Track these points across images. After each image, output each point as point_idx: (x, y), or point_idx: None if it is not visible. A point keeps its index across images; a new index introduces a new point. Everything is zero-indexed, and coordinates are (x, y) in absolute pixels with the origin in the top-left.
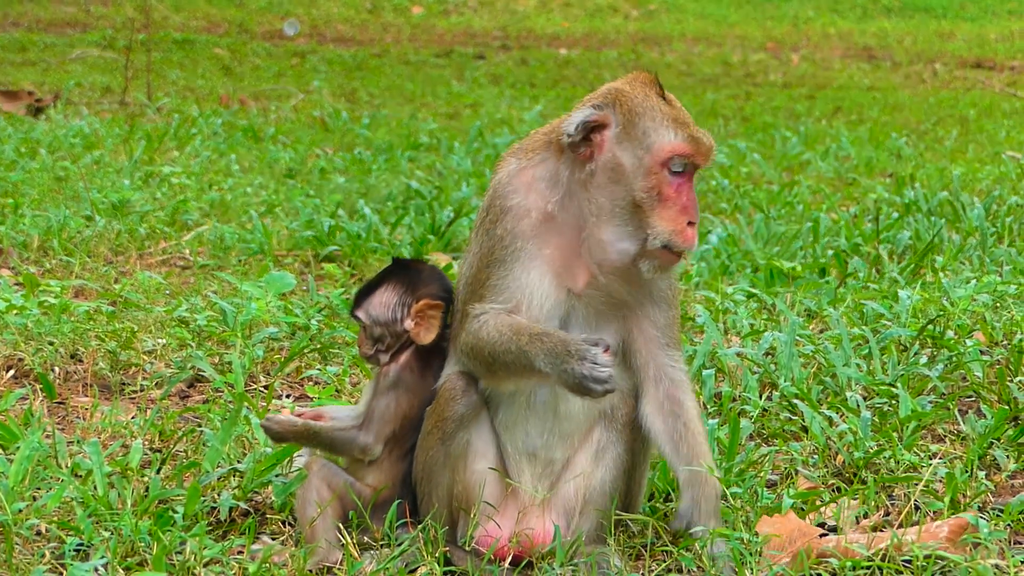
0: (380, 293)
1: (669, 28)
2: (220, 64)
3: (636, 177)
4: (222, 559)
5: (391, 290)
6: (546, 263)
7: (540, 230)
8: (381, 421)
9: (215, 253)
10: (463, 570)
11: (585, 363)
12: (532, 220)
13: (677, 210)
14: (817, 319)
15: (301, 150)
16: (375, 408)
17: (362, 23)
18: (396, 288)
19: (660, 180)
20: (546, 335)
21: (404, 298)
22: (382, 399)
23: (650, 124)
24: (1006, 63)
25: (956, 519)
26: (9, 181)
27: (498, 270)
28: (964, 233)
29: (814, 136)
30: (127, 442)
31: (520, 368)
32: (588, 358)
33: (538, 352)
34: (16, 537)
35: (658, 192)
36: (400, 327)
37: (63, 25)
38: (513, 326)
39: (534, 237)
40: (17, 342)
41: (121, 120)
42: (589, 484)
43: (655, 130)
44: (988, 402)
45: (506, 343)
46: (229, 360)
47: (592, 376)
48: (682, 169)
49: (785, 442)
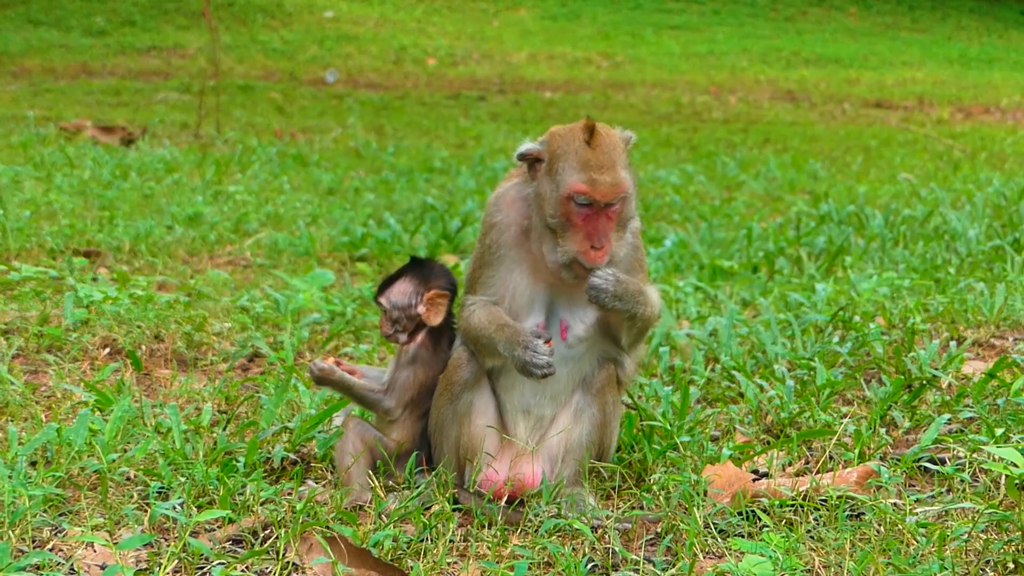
0: (399, 284)
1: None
2: (275, 105)
3: (551, 205)
4: (275, 499)
5: (408, 281)
6: (524, 265)
7: (519, 240)
8: (402, 389)
9: (270, 255)
10: (468, 507)
11: (527, 351)
12: (512, 232)
13: (583, 236)
14: (751, 307)
15: (339, 173)
16: (397, 378)
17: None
18: (412, 280)
19: (568, 210)
20: (507, 326)
21: (418, 288)
22: (403, 372)
23: (564, 164)
24: (900, 104)
25: (863, 467)
26: (106, 198)
27: (487, 271)
28: (868, 238)
29: (748, 162)
30: (199, 406)
31: (491, 350)
32: (530, 347)
33: (500, 339)
34: (110, 482)
35: (567, 219)
36: (414, 311)
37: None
38: (491, 316)
39: (514, 246)
40: (112, 326)
41: (195, 149)
42: (570, 438)
43: (565, 170)
44: (887, 373)
45: (484, 329)
46: (281, 340)
47: (532, 362)
48: (586, 203)
49: (725, 405)
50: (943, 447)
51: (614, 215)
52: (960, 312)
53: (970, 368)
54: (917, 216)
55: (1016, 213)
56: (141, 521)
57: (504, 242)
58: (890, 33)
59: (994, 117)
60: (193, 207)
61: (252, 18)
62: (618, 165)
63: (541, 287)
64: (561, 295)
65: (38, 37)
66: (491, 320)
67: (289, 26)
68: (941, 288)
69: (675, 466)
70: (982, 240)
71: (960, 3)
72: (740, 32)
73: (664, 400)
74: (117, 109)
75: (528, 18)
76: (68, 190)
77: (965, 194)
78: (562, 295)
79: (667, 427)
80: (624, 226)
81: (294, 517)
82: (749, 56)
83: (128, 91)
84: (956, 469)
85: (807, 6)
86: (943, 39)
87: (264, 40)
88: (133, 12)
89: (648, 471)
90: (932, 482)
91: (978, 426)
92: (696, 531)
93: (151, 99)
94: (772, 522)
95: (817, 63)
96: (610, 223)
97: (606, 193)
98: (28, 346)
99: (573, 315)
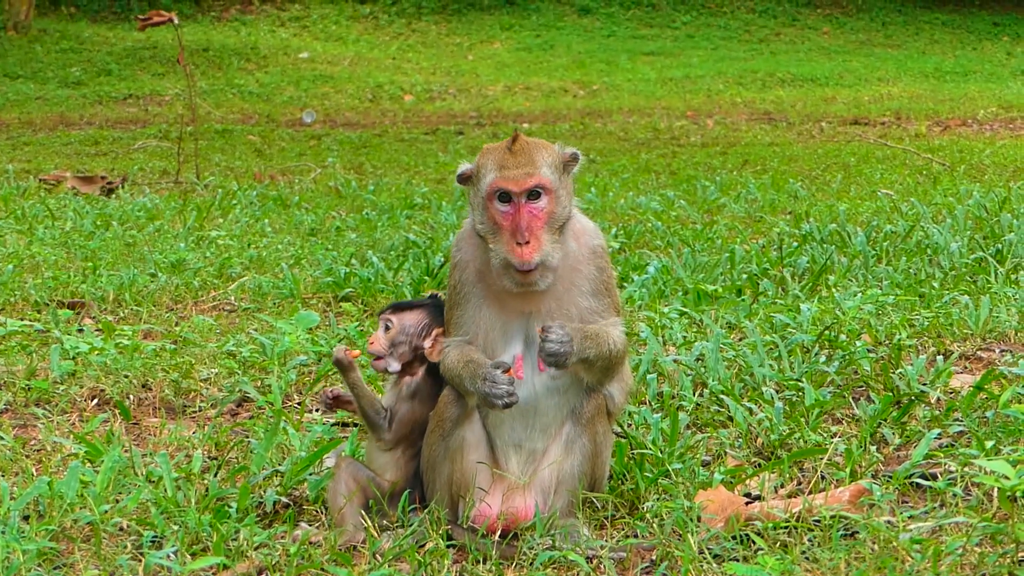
0: (416, 312)
1: (609, 103)
2: (253, 148)
3: (478, 213)
4: (269, 543)
5: (424, 313)
6: (490, 299)
7: (480, 275)
8: (400, 423)
9: (255, 299)
10: (462, 543)
11: (486, 383)
12: (472, 269)
13: (508, 235)
14: (736, 330)
15: (320, 213)
16: (398, 411)
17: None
18: (428, 313)
19: (492, 211)
20: (472, 362)
21: (431, 322)
22: (404, 405)
23: (483, 170)
24: (878, 120)
25: (855, 485)
26: (88, 248)
27: (457, 311)
28: (850, 256)
29: (728, 184)
30: (189, 453)
31: (463, 388)
32: (488, 379)
33: (466, 375)
34: (103, 533)
35: (493, 222)
36: (419, 341)
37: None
38: (461, 354)
39: (476, 282)
40: (99, 376)
41: (176, 196)
42: (561, 469)
43: (484, 173)
44: (876, 390)
45: (455, 368)
46: (269, 383)
47: (491, 393)
48: (506, 199)
49: (715, 429)
50: (934, 462)
51: (539, 212)
52: (946, 326)
53: (958, 382)
54: (899, 232)
55: (997, 224)
56: (136, 571)
57: (466, 280)
58: (864, 50)
59: (971, 129)
60: (176, 254)
61: (227, 62)
62: (536, 161)
63: (513, 317)
64: (539, 315)
65: (15, 90)
66: (460, 358)
67: (265, 68)
68: (926, 303)
69: (667, 493)
70: (965, 253)
71: (933, 17)
72: (715, 55)
73: (654, 427)
74: (96, 159)
75: (503, 51)
76: (50, 242)
77: (946, 207)
78: (540, 315)
79: (658, 454)
80: (558, 228)
81: (288, 560)
82: (725, 79)
83: (107, 140)
84: (948, 484)
85: (780, 27)
86: (917, 54)
87: (240, 84)
88: (109, 62)
89: (641, 499)
90: (925, 498)
91: (968, 440)
92: (691, 557)
93: (130, 147)
94: (767, 545)
95: (793, 83)
96: (536, 220)
97: (520, 182)
98: (16, 400)
99: None
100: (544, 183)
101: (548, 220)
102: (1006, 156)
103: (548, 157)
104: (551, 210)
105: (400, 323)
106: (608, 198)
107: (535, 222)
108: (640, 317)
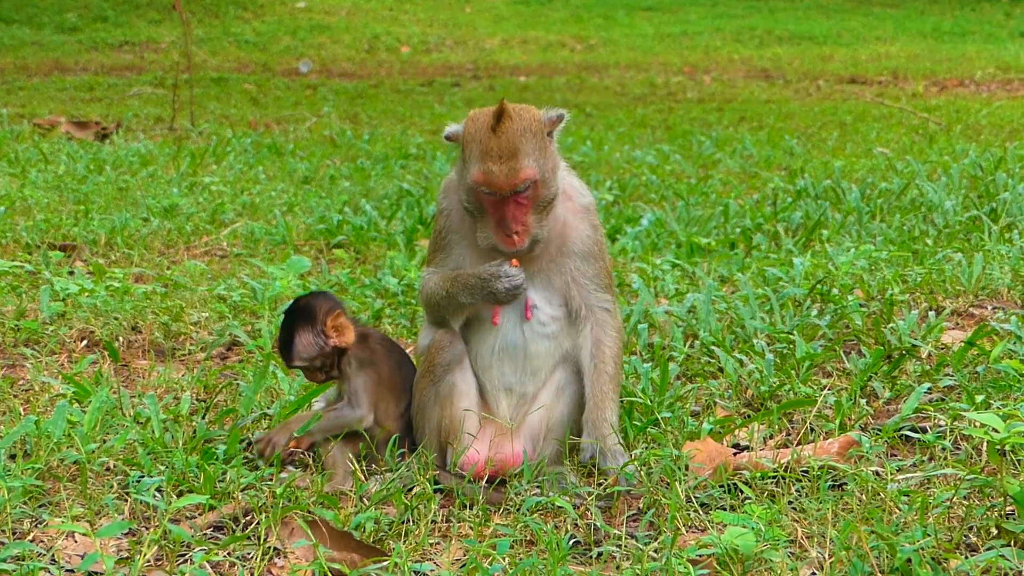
0: (296, 341)
1: (606, 58)
2: (249, 96)
3: (465, 192)
4: (255, 484)
5: (301, 333)
6: (473, 248)
7: (464, 223)
8: (364, 393)
9: (247, 244)
10: (449, 488)
11: (503, 280)
12: (455, 217)
13: (495, 223)
14: (728, 283)
15: (314, 162)
16: (355, 388)
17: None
18: (302, 329)
19: (479, 197)
20: (460, 274)
21: (314, 329)
22: (357, 379)
23: (468, 154)
24: (875, 79)
25: (844, 437)
26: (81, 192)
27: (440, 254)
28: (844, 212)
29: (723, 140)
30: (178, 395)
31: (454, 303)
32: (502, 275)
33: (458, 290)
34: (89, 472)
35: (479, 206)
36: (328, 348)
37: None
38: (444, 276)
39: (460, 229)
40: (89, 318)
41: (170, 142)
42: (551, 416)
43: (469, 160)
44: (866, 344)
45: (440, 290)
46: (259, 328)
47: (514, 285)
48: (490, 193)
49: (705, 380)
50: (924, 416)
51: (526, 200)
52: (938, 282)
53: (949, 338)
54: (894, 189)
55: (992, 183)
56: (121, 510)
57: (451, 227)
58: (863, 9)
59: (968, 89)
60: (169, 199)
61: (224, 10)
62: (520, 153)
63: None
64: (526, 270)
65: (10, 35)
66: (444, 279)
67: (261, 17)
68: (919, 259)
69: (656, 442)
70: (959, 211)
71: None
72: (713, 12)
73: (644, 377)
74: (91, 104)
75: (500, 3)
76: (43, 185)
77: (941, 166)
78: (527, 270)
79: (647, 403)
80: (545, 209)
81: (275, 502)
82: (722, 36)
83: (101, 86)
84: (937, 437)
85: None
86: (916, 13)
87: (237, 32)
88: (105, 8)
89: (630, 447)
90: (913, 450)
91: (958, 394)
92: (678, 505)
93: (124, 94)
94: (754, 494)
95: (791, 41)
96: (523, 208)
97: (504, 184)
98: (5, 340)
99: (537, 294)
100: (530, 178)
101: (535, 203)
102: (1002, 117)
103: (532, 140)
104: (539, 195)
105: (302, 359)
106: (604, 152)
107: (522, 211)
108: (632, 268)
